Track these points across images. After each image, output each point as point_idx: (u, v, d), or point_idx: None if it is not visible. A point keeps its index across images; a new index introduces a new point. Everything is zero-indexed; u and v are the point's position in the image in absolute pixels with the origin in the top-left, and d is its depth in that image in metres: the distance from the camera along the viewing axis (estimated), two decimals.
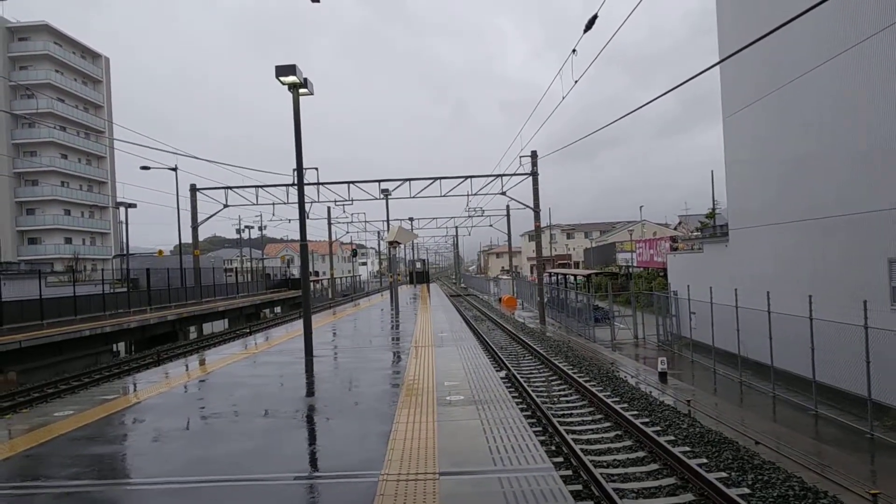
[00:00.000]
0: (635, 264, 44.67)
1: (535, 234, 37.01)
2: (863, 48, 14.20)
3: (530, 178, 34.82)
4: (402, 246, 48.88)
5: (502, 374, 17.39)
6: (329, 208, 58.54)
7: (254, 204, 38.39)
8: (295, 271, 79.24)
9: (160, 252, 52.45)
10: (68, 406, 9.26)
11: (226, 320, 41.21)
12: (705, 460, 9.86)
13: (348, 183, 36.58)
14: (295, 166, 13.47)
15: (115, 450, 6.91)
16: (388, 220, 37.32)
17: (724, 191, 22.93)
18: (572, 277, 42.31)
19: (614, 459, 10.26)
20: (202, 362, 13.93)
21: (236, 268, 62.66)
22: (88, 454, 6.61)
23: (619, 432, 11.86)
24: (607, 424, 12.48)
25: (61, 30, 70.67)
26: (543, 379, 17.69)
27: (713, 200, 42.65)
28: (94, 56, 77.02)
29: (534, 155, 34.63)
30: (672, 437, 11.14)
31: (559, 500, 4.86)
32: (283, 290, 58.31)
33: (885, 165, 13.69)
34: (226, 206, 38.47)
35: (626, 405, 13.71)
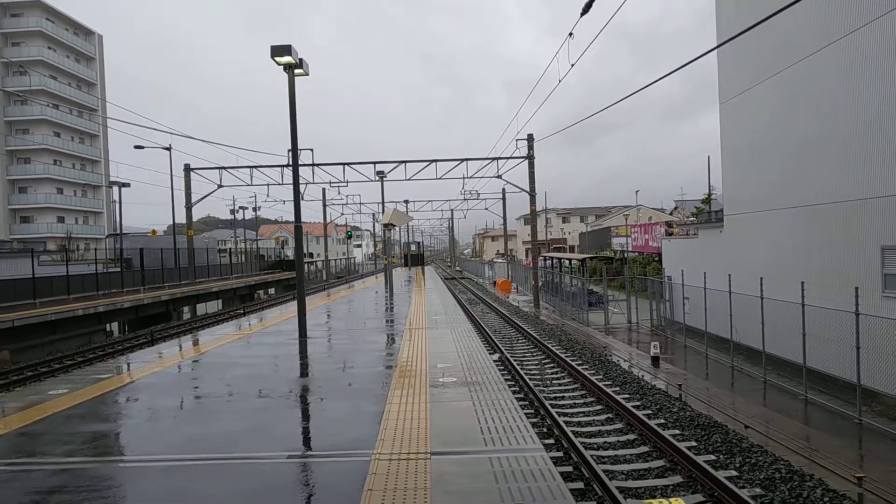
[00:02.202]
0: (630, 249, 44.76)
1: (531, 218, 37.05)
2: (863, 33, 14.14)
3: (526, 161, 34.77)
4: (397, 228, 48.80)
5: (495, 356, 17.48)
6: (324, 190, 58.40)
7: (248, 185, 38.32)
8: (289, 253, 79.12)
9: (154, 232, 52.19)
10: (62, 385, 9.28)
11: (219, 301, 41.23)
12: (694, 443, 9.98)
13: (343, 164, 36.47)
14: (290, 147, 13.39)
15: (110, 427, 6.94)
16: (383, 203, 37.18)
17: (721, 177, 22.94)
18: (567, 261, 42.44)
19: (605, 442, 10.38)
20: (196, 342, 13.96)
21: (230, 249, 62.58)
22: (83, 432, 6.64)
23: (610, 415, 11.97)
24: (599, 407, 12.60)
25: (54, 6, 69.79)
26: (536, 362, 17.79)
27: (709, 186, 42.70)
28: (87, 33, 76.15)
29: (530, 138, 34.56)
30: (662, 421, 11.26)
31: (548, 480, 4.91)
32: (277, 272, 58.23)
33: (879, 153, 13.70)
34: (220, 186, 38.34)
35: (617, 388, 13.83)
